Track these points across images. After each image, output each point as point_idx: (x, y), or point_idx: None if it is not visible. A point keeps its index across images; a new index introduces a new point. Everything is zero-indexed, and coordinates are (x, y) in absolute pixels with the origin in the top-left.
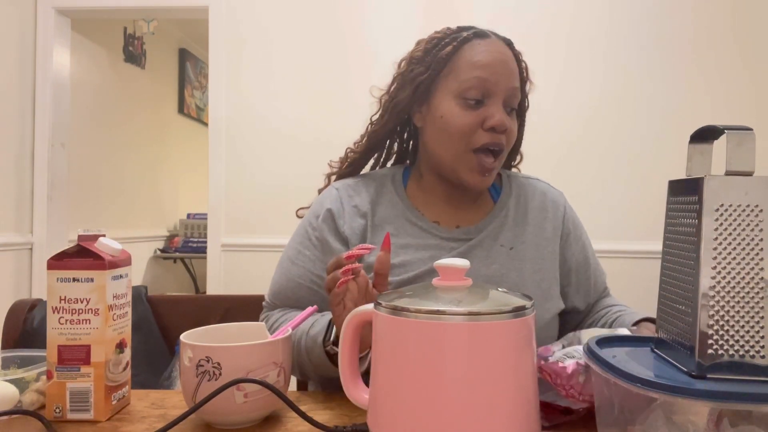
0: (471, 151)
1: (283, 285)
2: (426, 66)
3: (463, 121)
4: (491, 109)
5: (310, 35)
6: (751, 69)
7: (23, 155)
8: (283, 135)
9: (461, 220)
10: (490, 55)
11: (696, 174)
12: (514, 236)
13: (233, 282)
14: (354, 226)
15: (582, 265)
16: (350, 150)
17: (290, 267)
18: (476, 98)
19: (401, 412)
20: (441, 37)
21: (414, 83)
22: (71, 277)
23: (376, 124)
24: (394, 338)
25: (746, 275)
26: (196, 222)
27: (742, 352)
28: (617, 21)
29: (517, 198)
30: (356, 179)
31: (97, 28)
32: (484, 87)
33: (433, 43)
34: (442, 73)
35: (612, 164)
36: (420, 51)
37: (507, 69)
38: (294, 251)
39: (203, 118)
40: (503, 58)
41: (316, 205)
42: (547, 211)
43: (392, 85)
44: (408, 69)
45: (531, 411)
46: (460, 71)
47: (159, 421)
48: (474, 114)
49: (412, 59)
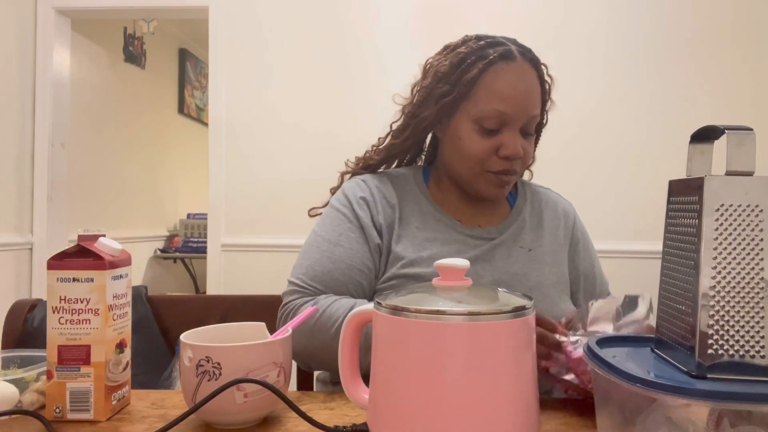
0: (486, 172)
1: (329, 268)
2: (451, 85)
3: (479, 147)
4: (506, 137)
5: (310, 35)
6: (751, 69)
7: (23, 155)
8: (283, 135)
9: (481, 221)
10: (512, 86)
11: (696, 174)
12: (532, 239)
13: (233, 282)
14: (386, 216)
15: (589, 272)
16: (368, 153)
17: (334, 249)
18: (493, 128)
19: (401, 412)
20: (467, 53)
21: (438, 103)
22: (71, 277)
23: (397, 136)
24: (394, 338)
25: (746, 275)
26: (196, 222)
27: (742, 352)
28: (617, 21)
29: (531, 204)
30: (378, 175)
31: (97, 28)
32: (501, 118)
33: (459, 58)
34: (465, 96)
35: (612, 164)
36: (446, 66)
37: (528, 99)
38: (334, 234)
39: (203, 118)
40: (526, 89)
41: (346, 194)
42: (559, 219)
43: (416, 96)
44: (433, 84)
45: (531, 411)
46: (480, 100)
47: (159, 421)
48: (489, 141)
49: (437, 74)
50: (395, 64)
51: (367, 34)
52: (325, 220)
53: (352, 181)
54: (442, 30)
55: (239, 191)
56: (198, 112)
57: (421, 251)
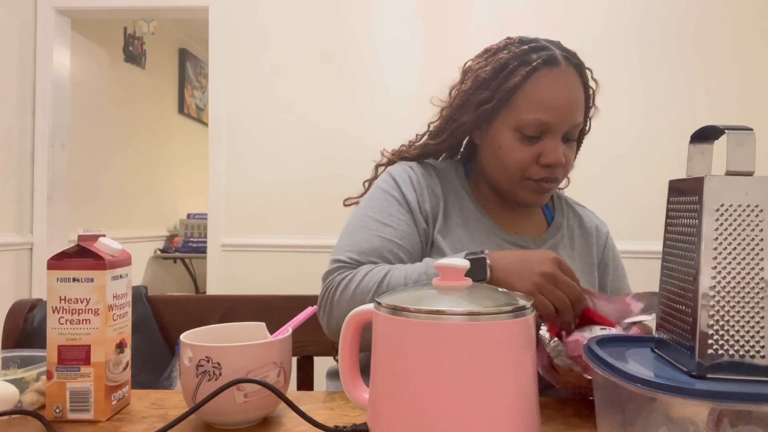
0: (527, 180)
1: (377, 245)
2: (492, 92)
3: (520, 156)
4: (548, 145)
5: (310, 35)
6: (752, 69)
7: (23, 155)
8: (283, 135)
9: (518, 229)
10: (555, 95)
11: (696, 174)
12: (566, 256)
13: (233, 282)
14: (432, 205)
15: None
16: (404, 147)
17: (384, 228)
18: (534, 135)
19: (401, 412)
20: (509, 58)
21: (478, 109)
22: (71, 277)
23: (433, 138)
24: (394, 338)
25: (746, 275)
26: (196, 222)
27: (742, 352)
28: (617, 21)
29: (568, 220)
30: (423, 164)
31: (97, 28)
32: (543, 127)
33: (500, 63)
34: (506, 103)
35: (612, 164)
36: (487, 71)
37: (571, 108)
38: (384, 214)
39: (203, 118)
40: (569, 97)
41: (393, 177)
42: (592, 237)
43: (454, 100)
44: (473, 89)
45: (531, 411)
46: (522, 108)
47: (159, 421)
48: (530, 149)
49: (478, 79)
50: (396, 63)
51: (367, 33)
52: (372, 201)
53: (397, 166)
54: (442, 28)
55: (239, 191)
56: (198, 112)
57: (460, 249)
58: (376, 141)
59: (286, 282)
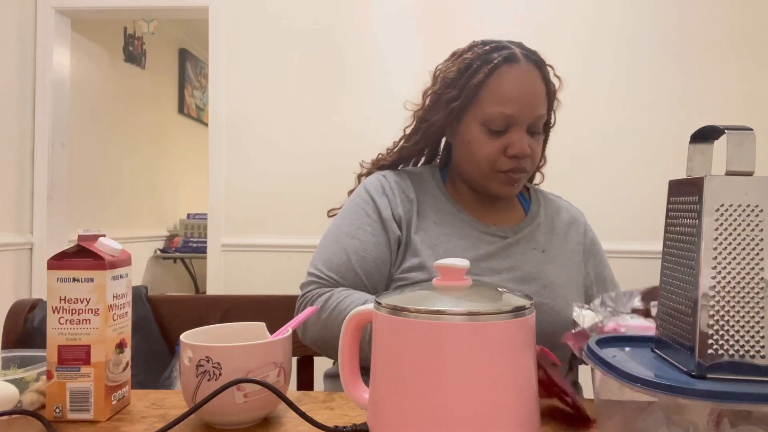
0: (497, 172)
1: (344, 259)
2: (458, 90)
3: (488, 149)
4: (514, 137)
5: (310, 34)
6: (751, 69)
7: (23, 155)
8: (283, 135)
9: (497, 221)
10: (516, 88)
11: (696, 174)
12: (545, 241)
13: (233, 282)
14: (405, 210)
15: (600, 278)
16: (381, 155)
17: (351, 242)
18: (500, 128)
19: (401, 412)
20: (473, 58)
21: (447, 108)
22: (71, 277)
23: (408, 140)
24: (394, 338)
25: (746, 275)
26: (196, 222)
27: (742, 352)
28: (617, 21)
29: (545, 210)
30: (398, 171)
31: (97, 28)
32: (507, 120)
33: (465, 64)
34: (472, 100)
35: (612, 164)
36: (453, 71)
37: (532, 100)
38: (352, 227)
39: (203, 118)
40: (529, 90)
41: (366, 188)
42: (570, 227)
43: (426, 101)
44: (441, 89)
45: (531, 411)
46: (486, 103)
47: (159, 421)
48: (498, 142)
49: (445, 80)
50: (397, 63)
51: (368, 33)
52: (344, 213)
53: (372, 177)
54: (443, 28)
55: (239, 191)
56: (198, 112)
57: (437, 245)
58: (377, 142)
59: (286, 282)
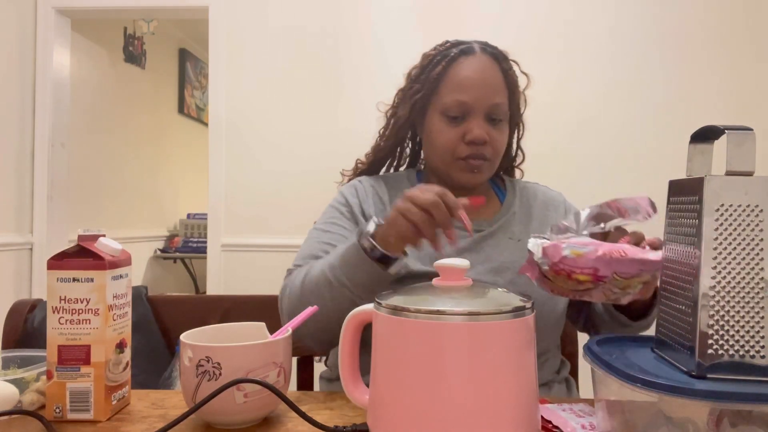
0: (457, 160)
1: (315, 248)
2: (421, 84)
3: (447, 136)
4: (471, 123)
5: (310, 34)
6: (751, 69)
7: (23, 155)
8: (283, 135)
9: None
10: (471, 76)
11: (696, 174)
12: (521, 230)
13: (233, 282)
14: (377, 210)
15: None
16: (360, 162)
17: (322, 234)
18: (457, 115)
19: (401, 412)
20: (434, 54)
21: (411, 101)
22: (71, 277)
23: (381, 137)
24: (394, 338)
25: (746, 275)
26: (196, 222)
27: (742, 352)
28: (617, 20)
29: (521, 198)
30: (375, 176)
31: (97, 28)
32: (463, 107)
33: (427, 61)
34: (433, 92)
35: (612, 164)
36: (417, 68)
37: (487, 88)
38: (326, 225)
39: (203, 118)
40: (484, 77)
41: (341, 192)
42: (548, 209)
43: (395, 99)
44: (408, 86)
45: (531, 410)
46: (444, 93)
47: (159, 421)
48: (456, 130)
49: (411, 77)
50: (397, 62)
51: (368, 32)
52: (322, 215)
53: (349, 184)
54: (445, 29)
55: (239, 191)
56: (198, 112)
57: None
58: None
59: None
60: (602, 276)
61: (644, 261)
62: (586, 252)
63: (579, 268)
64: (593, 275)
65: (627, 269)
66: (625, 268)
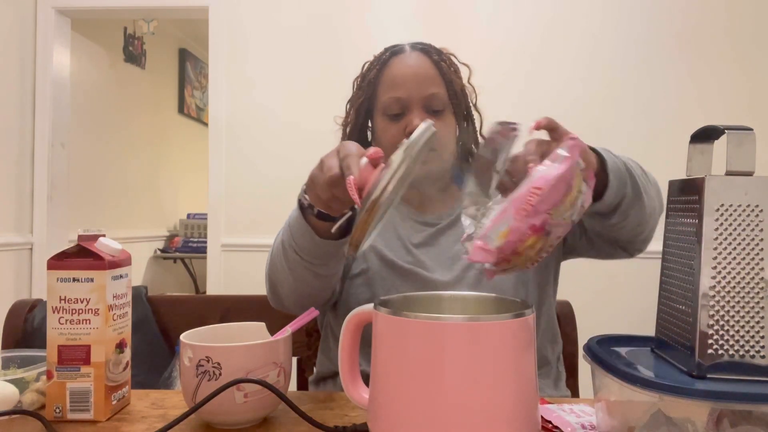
0: None
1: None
2: (363, 90)
3: (390, 133)
4: (409, 117)
5: (309, 35)
6: (751, 68)
7: (23, 155)
8: (283, 135)
9: (434, 209)
10: (402, 71)
11: (696, 174)
12: None
13: (233, 282)
14: None
15: None
16: None
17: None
18: (396, 112)
19: (401, 412)
20: (372, 61)
21: (357, 108)
22: (71, 277)
23: None
24: (394, 338)
25: (746, 275)
26: (196, 222)
27: (742, 352)
28: (613, 19)
29: None
30: None
31: (97, 28)
32: (400, 103)
33: (366, 68)
34: (373, 96)
35: None
36: (359, 77)
37: (420, 80)
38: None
39: (203, 118)
40: (415, 71)
41: None
42: None
43: (346, 110)
44: (354, 95)
45: (531, 411)
46: (381, 93)
47: (159, 421)
48: (398, 125)
49: (354, 86)
50: None
51: (367, 36)
52: None
53: None
54: (446, 30)
55: (239, 191)
56: (198, 112)
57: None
58: None
59: None
60: (540, 225)
61: (558, 177)
62: (508, 226)
63: (516, 242)
64: (534, 233)
65: (552, 198)
66: (549, 201)
